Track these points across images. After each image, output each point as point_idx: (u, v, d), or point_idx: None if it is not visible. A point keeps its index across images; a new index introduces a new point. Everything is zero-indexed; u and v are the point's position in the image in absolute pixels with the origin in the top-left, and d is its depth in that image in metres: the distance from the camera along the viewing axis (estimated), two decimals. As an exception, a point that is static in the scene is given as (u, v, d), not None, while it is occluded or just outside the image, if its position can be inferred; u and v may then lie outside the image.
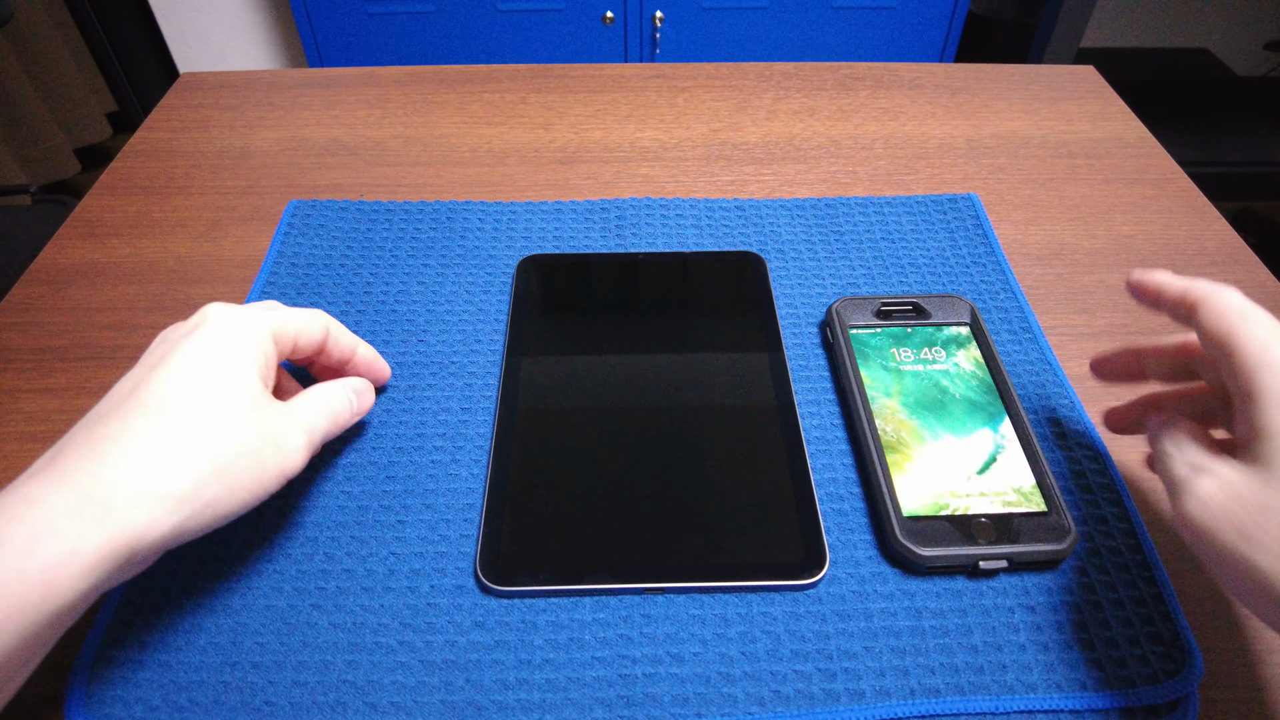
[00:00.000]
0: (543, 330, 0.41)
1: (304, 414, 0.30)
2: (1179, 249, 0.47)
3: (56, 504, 0.22)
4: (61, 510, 0.22)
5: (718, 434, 0.36)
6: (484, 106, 0.58)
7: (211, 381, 0.27)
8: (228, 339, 0.29)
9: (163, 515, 0.24)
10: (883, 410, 0.36)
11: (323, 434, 0.31)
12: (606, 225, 0.47)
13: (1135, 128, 0.56)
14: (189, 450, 0.25)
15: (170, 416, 0.26)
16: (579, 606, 0.31)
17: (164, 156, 0.53)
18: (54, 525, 0.22)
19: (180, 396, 0.26)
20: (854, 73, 0.61)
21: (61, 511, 0.22)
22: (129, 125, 1.68)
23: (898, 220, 0.48)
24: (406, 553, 0.32)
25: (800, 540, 0.32)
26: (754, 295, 0.43)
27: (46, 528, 0.22)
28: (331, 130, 0.55)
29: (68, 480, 0.23)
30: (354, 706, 0.28)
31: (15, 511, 0.22)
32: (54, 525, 0.22)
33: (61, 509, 0.22)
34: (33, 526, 0.22)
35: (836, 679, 0.29)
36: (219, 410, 0.27)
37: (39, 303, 0.43)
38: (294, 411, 0.30)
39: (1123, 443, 0.37)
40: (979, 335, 0.39)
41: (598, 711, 0.28)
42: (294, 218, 0.47)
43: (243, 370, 0.28)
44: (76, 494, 0.23)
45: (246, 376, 0.28)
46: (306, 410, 0.31)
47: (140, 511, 0.23)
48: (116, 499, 0.23)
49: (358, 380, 0.35)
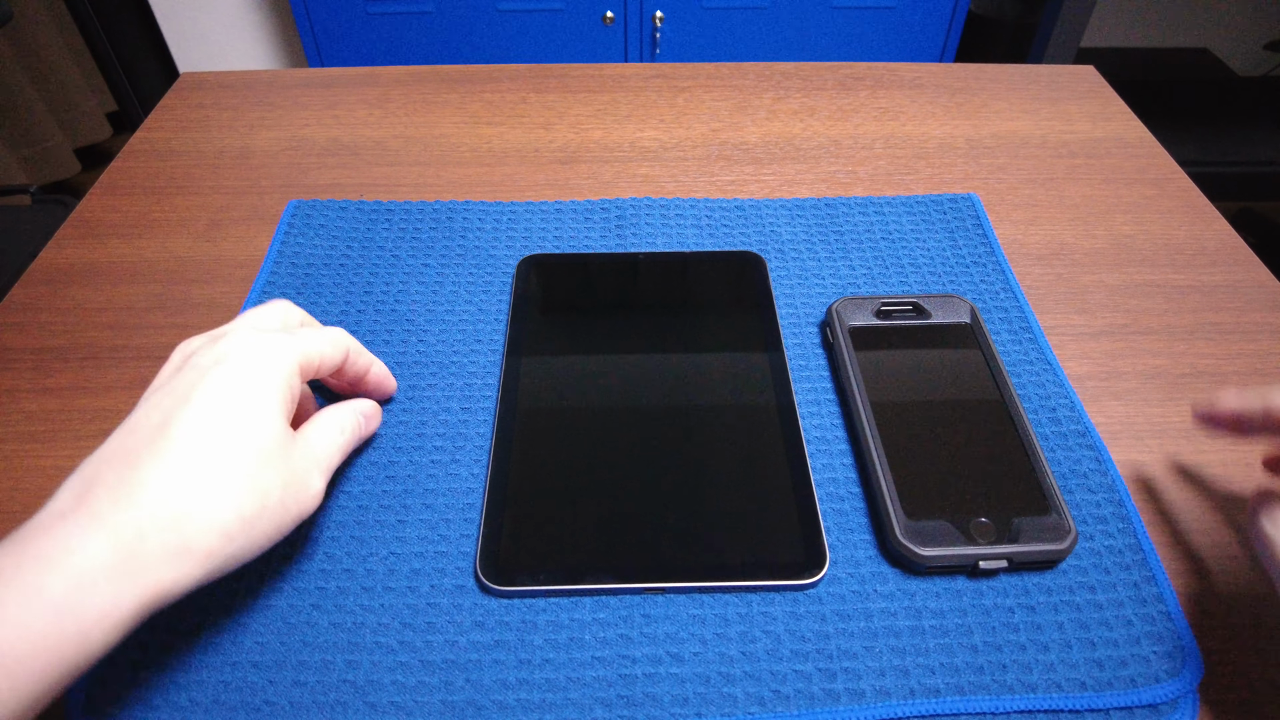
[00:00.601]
0: (543, 330, 0.41)
1: (322, 452, 0.30)
2: (1179, 249, 0.47)
3: (95, 557, 0.22)
4: (100, 566, 0.22)
5: (718, 434, 0.36)
6: (484, 106, 0.58)
7: (241, 428, 0.27)
8: (256, 377, 0.28)
9: (191, 571, 0.24)
10: (883, 410, 0.36)
11: (335, 467, 0.31)
12: (606, 225, 0.47)
13: (1135, 128, 0.56)
14: (220, 507, 0.25)
15: (201, 468, 0.25)
16: (579, 606, 0.31)
17: (164, 156, 0.53)
18: (93, 583, 0.22)
19: (210, 444, 0.26)
20: (854, 73, 0.61)
21: (100, 567, 0.22)
22: (129, 125, 1.68)
23: (898, 220, 0.48)
24: (406, 552, 0.32)
25: (800, 540, 0.32)
26: (754, 295, 0.43)
27: (87, 583, 0.22)
28: (331, 130, 0.55)
29: (105, 531, 0.23)
30: (354, 706, 0.28)
31: (54, 560, 0.22)
32: (93, 583, 0.22)
33: (100, 565, 0.22)
34: (71, 579, 0.22)
35: (836, 679, 0.29)
36: (248, 461, 0.27)
37: (39, 303, 0.43)
38: (312, 451, 0.30)
39: (1122, 442, 0.37)
40: (979, 335, 0.39)
41: (598, 711, 0.28)
42: (294, 217, 0.47)
43: (270, 413, 0.28)
44: (114, 549, 0.23)
45: (273, 420, 0.28)
46: (323, 448, 0.30)
47: (171, 568, 0.24)
48: (150, 558, 0.23)
49: (366, 403, 0.35)
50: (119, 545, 0.23)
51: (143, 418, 0.27)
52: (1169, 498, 0.35)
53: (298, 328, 0.33)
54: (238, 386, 0.28)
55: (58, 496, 0.24)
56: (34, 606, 0.21)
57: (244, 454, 0.26)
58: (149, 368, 0.40)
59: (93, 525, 0.23)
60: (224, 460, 0.26)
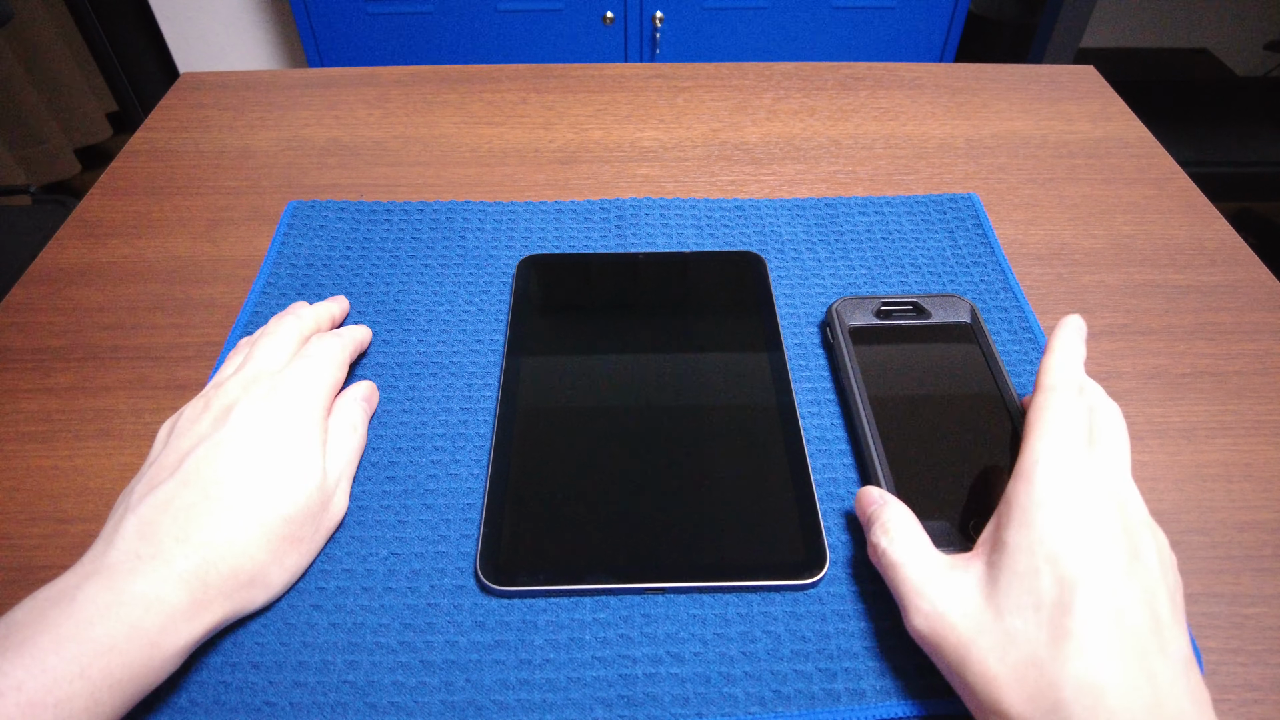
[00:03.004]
0: (543, 330, 0.41)
1: (344, 466, 0.33)
2: (1179, 249, 0.47)
3: (178, 603, 0.26)
4: (181, 609, 0.26)
5: (718, 434, 0.36)
6: (484, 106, 0.58)
7: (288, 484, 0.30)
8: (296, 428, 0.31)
9: (245, 608, 0.28)
10: (883, 410, 0.36)
11: (354, 468, 0.34)
12: (606, 225, 0.47)
13: (1135, 128, 0.56)
14: (273, 562, 0.29)
15: (252, 513, 0.28)
16: (579, 606, 0.31)
17: (164, 157, 0.53)
18: (175, 623, 0.25)
19: (262, 502, 0.29)
20: (854, 73, 0.61)
21: (181, 610, 0.26)
22: (129, 125, 1.68)
23: (898, 220, 0.48)
24: (406, 553, 0.32)
25: (800, 540, 0.32)
26: (754, 295, 0.43)
27: (170, 624, 0.25)
28: (331, 130, 0.55)
29: (181, 580, 0.26)
30: (354, 706, 0.28)
31: (149, 602, 0.25)
32: (175, 623, 0.25)
33: (181, 608, 0.26)
34: (163, 619, 0.25)
35: (837, 679, 0.29)
36: (295, 516, 0.29)
37: (39, 303, 0.43)
38: (338, 470, 0.33)
39: (1123, 442, 0.37)
40: (979, 335, 0.39)
41: (598, 711, 0.28)
42: (294, 218, 0.47)
43: (312, 463, 0.31)
44: (190, 595, 0.26)
45: (315, 469, 0.31)
46: (344, 461, 0.33)
47: (232, 606, 0.28)
48: (214, 603, 0.27)
49: (362, 386, 0.36)
50: (193, 592, 0.26)
51: (194, 469, 0.29)
52: (1169, 498, 0.35)
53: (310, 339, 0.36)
54: (281, 441, 0.30)
55: (122, 534, 0.27)
56: (135, 640, 0.24)
57: (291, 509, 0.29)
58: (149, 368, 0.40)
59: (170, 573, 0.26)
60: (274, 519, 0.29)
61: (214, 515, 0.28)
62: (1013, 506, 0.26)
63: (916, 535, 0.28)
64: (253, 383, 0.32)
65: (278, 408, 0.31)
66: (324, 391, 0.33)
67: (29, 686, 0.22)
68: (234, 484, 0.29)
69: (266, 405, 0.31)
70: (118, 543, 0.27)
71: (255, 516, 0.28)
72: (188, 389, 0.39)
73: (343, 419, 0.34)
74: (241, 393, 0.31)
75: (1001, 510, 0.27)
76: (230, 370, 0.34)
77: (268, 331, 0.35)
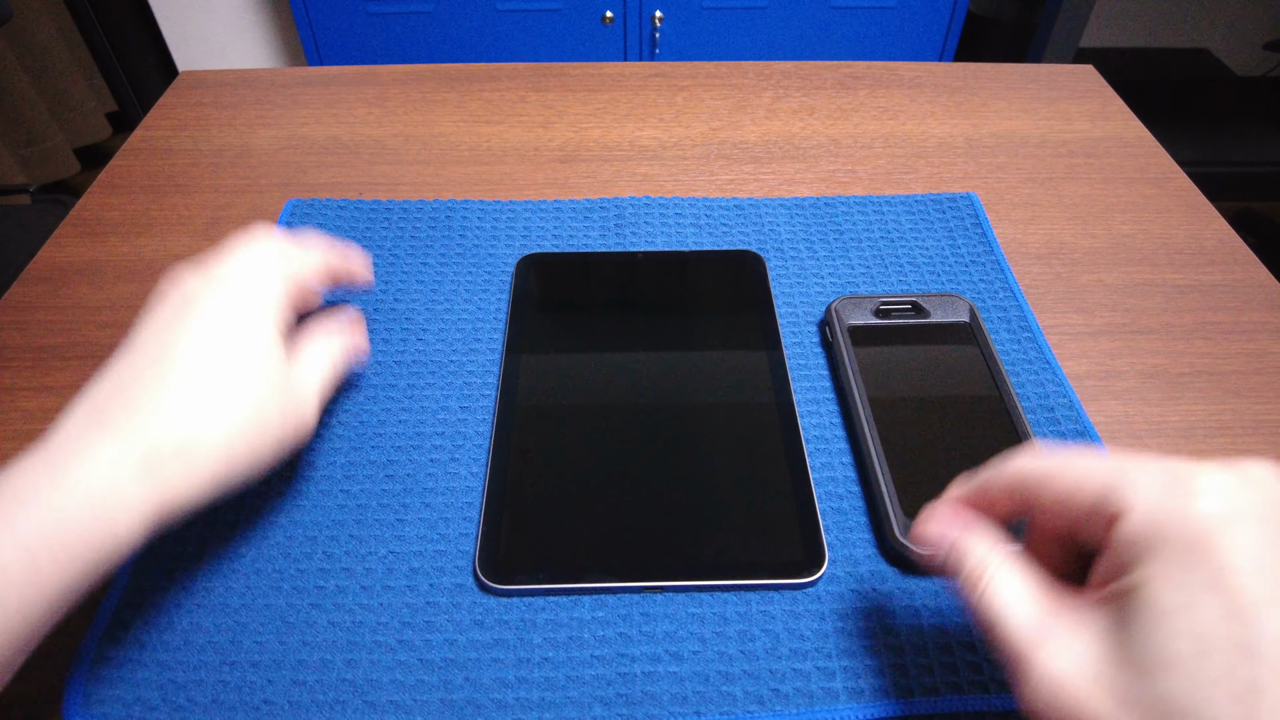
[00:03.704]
0: (542, 329, 0.41)
1: (315, 382, 0.31)
2: (1178, 249, 0.47)
3: (121, 462, 0.24)
4: (126, 469, 0.24)
5: (717, 433, 0.36)
6: (483, 105, 0.58)
7: (238, 353, 0.28)
8: (248, 303, 0.29)
9: (200, 487, 0.26)
10: (882, 409, 0.36)
11: (329, 391, 0.32)
12: (606, 224, 0.47)
13: (1134, 127, 0.56)
14: (223, 430, 0.27)
15: (203, 393, 0.27)
16: (578, 605, 0.31)
17: (163, 155, 0.53)
18: (121, 482, 0.24)
19: (210, 370, 0.27)
20: (853, 72, 0.61)
21: (126, 471, 0.24)
22: (129, 125, 1.68)
23: (897, 219, 0.48)
24: (405, 551, 0.32)
25: (799, 539, 0.32)
26: (753, 294, 0.43)
27: (116, 482, 0.24)
28: (330, 129, 0.55)
29: (125, 444, 0.25)
30: (353, 705, 0.28)
31: (86, 459, 0.24)
32: (121, 482, 0.24)
33: (126, 468, 0.24)
34: (105, 477, 0.24)
35: (835, 678, 0.29)
36: (247, 385, 0.28)
37: (38, 301, 0.43)
38: (306, 380, 0.31)
39: (1121, 442, 0.37)
40: (978, 334, 0.39)
41: (597, 710, 0.28)
42: (293, 216, 0.47)
43: (265, 337, 0.29)
44: (136, 459, 0.24)
45: (269, 343, 0.29)
46: (316, 378, 0.31)
47: (184, 482, 0.25)
48: (165, 471, 0.25)
49: (345, 320, 0.35)
50: (139, 457, 0.25)
51: (140, 347, 0.28)
52: (1168, 497, 0.35)
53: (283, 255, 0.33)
54: (231, 312, 0.29)
55: (70, 416, 0.26)
56: (74, 497, 0.23)
57: (243, 378, 0.28)
58: (148, 367, 0.40)
59: (115, 437, 0.25)
60: (224, 385, 0.27)
61: (162, 388, 0.26)
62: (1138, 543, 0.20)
63: (1022, 578, 0.22)
64: (207, 265, 0.30)
65: (230, 284, 0.30)
66: (278, 283, 0.31)
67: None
68: (180, 354, 0.27)
69: (218, 276, 0.30)
70: (64, 423, 0.25)
71: (204, 388, 0.27)
72: (186, 388, 0.39)
73: (320, 344, 0.33)
74: (194, 272, 0.30)
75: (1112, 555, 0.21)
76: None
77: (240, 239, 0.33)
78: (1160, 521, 0.20)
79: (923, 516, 0.25)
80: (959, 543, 0.24)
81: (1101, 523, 0.21)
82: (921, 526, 0.25)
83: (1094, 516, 0.21)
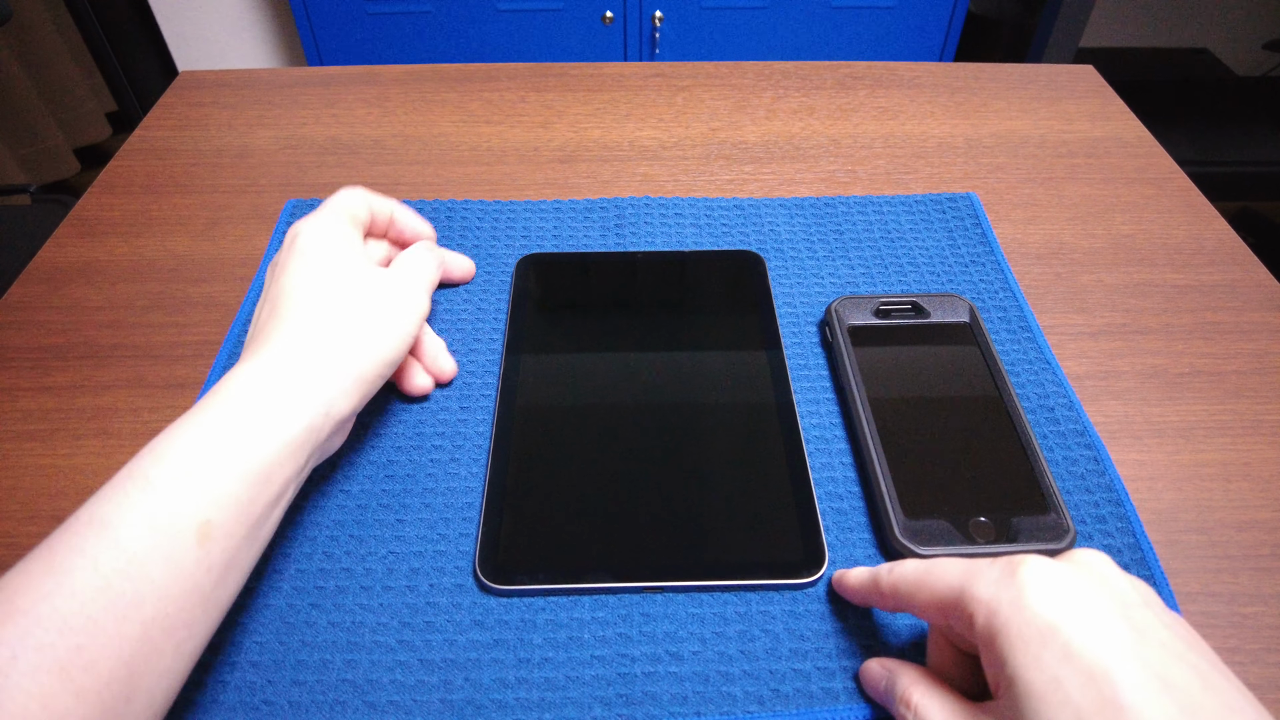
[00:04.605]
0: (542, 329, 0.41)
1: (415, 275, 0.36)
2: (1178, 249, 0.47)
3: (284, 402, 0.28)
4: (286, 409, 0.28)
5: (717, 433, 0.36)
6: (483, 105, 0.58)
7: (336, 282, 0.32)
8: (327, 245, 0.33)
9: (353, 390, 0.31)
10: (882, 409, 0.36)
11: (434, 286, 0.37)
12: (605, 224, 0.47)
13: (1134, 127, 0.56)
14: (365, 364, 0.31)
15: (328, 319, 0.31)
16: (578, 605, 0.31)
17: (163, 155, 0.53)
18: (294, 420, 0.28)
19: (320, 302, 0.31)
20: (853, 72, 0.61)
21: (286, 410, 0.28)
22: (129, 125, 1.68)
23: (897, 219, 0.48)
24: (405, 551, 0.32)
25: (799, 539, 0.32)
26: (753, 294, 0.43)
27: (288, 419, 0.28)
28: (330, 129, 0.55)
29: (281, 386, 0.29)
30: (353, 705, 0.28)
31: (260, 405, 0.28)
32: (294, 420, 0.28)
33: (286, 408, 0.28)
34: (285, 418, 0.28)
35: (835, 678, 0.29)
36: (355, 300, 0.32)
37: (37, 301, 0.43)
38: (410, 271, 0.36)
39: (1121, 442, 0.37)
40: (978, 334, 0.39)
41: (597, 710, 0.28)
42: (293, 216, 0.47)
43: (353, 262, 0.34)
44: (291, 396, 0.29)
45: (358, 265, 0.34)
46: (415, 272, 0.36)
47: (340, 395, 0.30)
48: (326, 386, 0.30)
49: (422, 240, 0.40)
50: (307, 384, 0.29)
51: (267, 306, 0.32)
52: (1167, 497, 0.35)
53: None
54: (317, 259, 0.33)
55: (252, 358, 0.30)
56: (306, 414, 0.29)
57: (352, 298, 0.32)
58: (148, 366, 0.40)
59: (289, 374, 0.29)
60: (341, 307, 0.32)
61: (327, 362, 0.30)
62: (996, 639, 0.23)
63: (939, 698, 0.25)
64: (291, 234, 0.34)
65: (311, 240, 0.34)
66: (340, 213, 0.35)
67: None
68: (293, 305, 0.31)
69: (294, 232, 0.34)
70: (267, 350, 0.30)
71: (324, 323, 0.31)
72: (186, 387, 0.39)
73: (416, 249, 0.37)
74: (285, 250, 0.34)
75: (986, 653, 0.24)
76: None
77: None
78: (1005, 614, 0.23)
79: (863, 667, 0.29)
80: (887, 676, 0.28)
81: (965, 625, 0.24)
82: (864, 672, 0.29)
83: (956, 619, 0.24)
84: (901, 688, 0.26)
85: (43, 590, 0.22)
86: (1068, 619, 0.22)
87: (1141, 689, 0.21)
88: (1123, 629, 0.22)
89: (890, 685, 0.27)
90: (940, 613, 0.25)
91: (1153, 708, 0.20)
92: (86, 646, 0.22)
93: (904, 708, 0.26)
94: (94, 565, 0.23)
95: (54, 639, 0.21)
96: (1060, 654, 0.22)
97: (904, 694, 0.26)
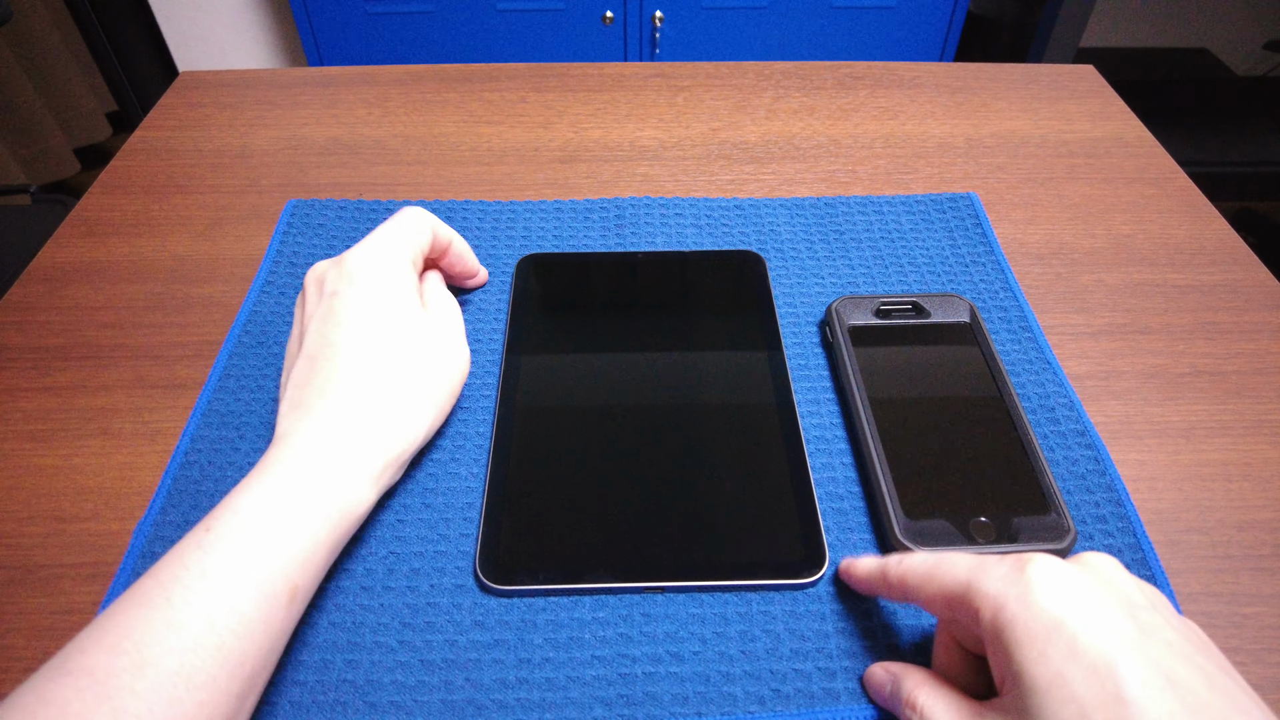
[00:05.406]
0: (542, 329, 0.41)
1: (452, 318, 0.36)
2: (1178, 249, 0.47)
3: (353, 475, 0.29)
4: (354, 482, 0.29)
5: (717, 433, 0.36)
6: (483, 105, 0.58)
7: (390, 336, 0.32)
8: (379, 292, 0.33)
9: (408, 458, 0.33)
10: (882, 409, 0.36)
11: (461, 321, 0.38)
12: (606, 224, 0.47)
13: (1135, 127, 0.56)
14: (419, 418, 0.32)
15: (385, 390, 0.31)
16: (578, 605, 0.31)
17: (163, 155, 0.53)
18: (360, 492, 0.30)
19: (379, 365, 0.32)
20: (853, 72, 0.61)
21: (355, 482, 0.29)
22: (129, 125, 1.68)
23: (897, 219, 0.48)
24: (406, 552, 0.32)
25: (800, 539, 0.32)
26: (753, 294, 0.43)
27: (356, 492, 0.29)
28: (331, 129, 0.55)
29: (350, 457, 0.30)
30: (353, 706, 0.28)
31: (334, 476, 0.29)
32: (360, 492, 0.30)
33: (355, 481, 0.29)
34: (353, 491, 0.29)
35: (836, 678, 0.29)
36: (413, 361, 0.33)
37: (38, 302, 0.43)
38: (450, 320, 0.36)
39: (1122, 442, 0.37)
40: (978, 334, 0.39)
41: (597, 710, 0.28)
42: (293, 217, 0.47)
43: (411, 310, 0.34)
44: (359, 469, 0.30)
45: (415, 314, 0.34)
46: (452, 314, 0.37)
47: (398, 468, 0.32)
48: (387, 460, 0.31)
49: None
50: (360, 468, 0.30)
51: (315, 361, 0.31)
52: (1168, 497, 0.35)
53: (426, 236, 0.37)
54: (374, 301, 0.33)
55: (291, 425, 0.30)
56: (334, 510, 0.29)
57: (409, 357, 0.33)
58: (148, 367, 0.40)
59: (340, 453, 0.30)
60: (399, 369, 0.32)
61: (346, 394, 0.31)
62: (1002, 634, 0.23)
63: (944, 697, 0.26)
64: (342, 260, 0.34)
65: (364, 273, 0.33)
66: (405, 255, 0.35)
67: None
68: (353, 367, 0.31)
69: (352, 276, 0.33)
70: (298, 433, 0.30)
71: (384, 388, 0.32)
72: (187, 388, 0.39)
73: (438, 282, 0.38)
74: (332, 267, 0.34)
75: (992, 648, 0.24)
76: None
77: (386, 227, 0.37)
78: (1012, 609, 0.23)
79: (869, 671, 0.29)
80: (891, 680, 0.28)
81: (972, 619, 0.24)
82: (867, 677, 0.29)
83: (963, 613, 0.25)
84: (906, 690, 0.26)
85: (168, 644, 0.23)
86: (1074, 616, 0.22)
87: (1145, 684, 0.21)
88: (1128, 627, 0.22)
89: (895, 688, 0.27)
90: (947, 606, 0.25)
91: (1156, 703, 0.21)
92: (206, 704, 0.23)
93: (909, 710, 0.26)
94: (209, 623, 0.24)
95: (182, 694, 0.22)
96: (1065, 649, 0.22)
97: (909, 696, 0.26)
